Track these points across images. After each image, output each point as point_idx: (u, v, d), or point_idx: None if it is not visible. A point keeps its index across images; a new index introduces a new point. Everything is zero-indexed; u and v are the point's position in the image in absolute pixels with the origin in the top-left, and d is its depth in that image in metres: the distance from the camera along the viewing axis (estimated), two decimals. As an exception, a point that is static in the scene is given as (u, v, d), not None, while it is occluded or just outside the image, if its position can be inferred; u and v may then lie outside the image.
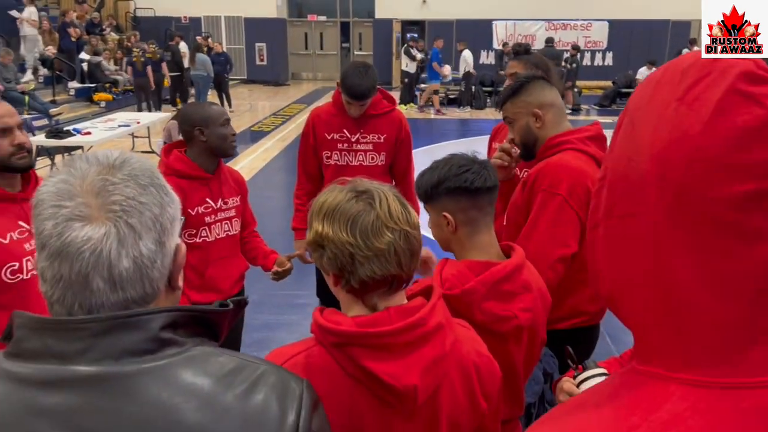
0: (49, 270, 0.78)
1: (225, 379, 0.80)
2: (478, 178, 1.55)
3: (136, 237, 0.79)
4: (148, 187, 0.81)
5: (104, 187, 0.79)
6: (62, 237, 0.77)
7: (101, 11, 17.96)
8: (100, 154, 0.84)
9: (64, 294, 0.78)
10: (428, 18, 19.97)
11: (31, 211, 0.81)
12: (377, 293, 1.16)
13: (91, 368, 0.75)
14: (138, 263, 0.79)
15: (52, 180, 0.81)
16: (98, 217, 0.77)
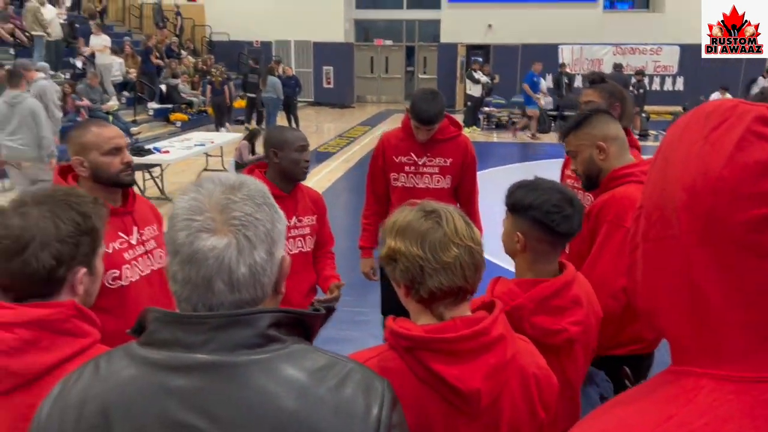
0: (180, 273, 0.93)
1: (319, 373, 0.93)
2: (564, 223, 1.64)
3: (252, 247, 0.93)
4: (261, 206, 0.97)
5: (227, 204, 0.94)
6: (192, 245, 0.92)
7: (180, 36, 18.94)
8: (222, 176, 1.00)
9: (191, 294, 0.93)
10: (493, 42, 20.06)
11: (166, 221, 0.98)
12: (444, 303, 1.28)
13: (211, 357, 0.90)
14: (252, 270, 0.93)
15: (184, 197, 0.97)
16: (222, 229, 0.93)
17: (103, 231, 1.37)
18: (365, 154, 12.62)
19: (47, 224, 1.25)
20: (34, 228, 1.24)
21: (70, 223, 1.27)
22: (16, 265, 1.22)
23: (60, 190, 1.34)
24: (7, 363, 1.18)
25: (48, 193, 1.31)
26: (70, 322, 1.24)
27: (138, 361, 0.93)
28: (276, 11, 20.25)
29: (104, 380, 0.94)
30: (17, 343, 1.18)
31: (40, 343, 1.20)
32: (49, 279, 1.25)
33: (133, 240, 2.17)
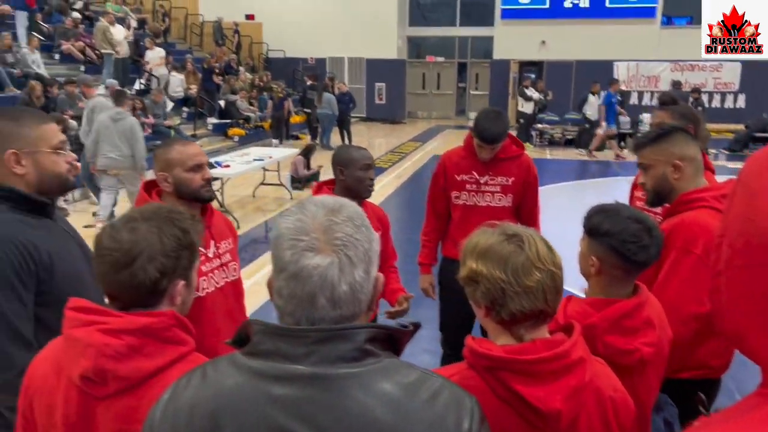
0: (286, 288, 1.00)
1: (411, 387, 0.98)
2: (641, 253, 1.66)
3: (352, 266, 1.00)
4: (360, 227, 1.03)
5: (330, 226, 1.01)
6: (298, 263, 0.99)
7: (238, 53, 19.51)
8: (322, 199, 1.07)
9: (295, 308, 1.00)
10: (547, 59, 19.91)
11: (271, 242, 1.05)
12: (524, 325, 1.32)
13: (312, 369, 0.96)
14: (353, 287, 1.00)
15: (289, 218, 1.04)
16: (325, 249, 0.99)
17: (200, 245, 1.46)
18: (417, 169, 12.68)
19: (154, 239, 1.34)
20: (143, 242, 1.33)
21: (173, 239, 1.36)
22: (125, 277, 1.32)
23: (164, 208, 1.43)
24: (115, 367, 1.27)
25: (154, 210, 1.41)
26: (171, 330, 1.33)
27: (243, 370, 0.99)
28: (331, 29, 20.65)
29: (212, 386, 1.01)
30: (124, 349, 1.27)
31: (145, 349, 1.29)
32: (153, 290, 1.34)
33: (210, 253, 2.27)
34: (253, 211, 8.99)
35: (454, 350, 3.51)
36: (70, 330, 1.32)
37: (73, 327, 1.32)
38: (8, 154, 1.73)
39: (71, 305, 1.35)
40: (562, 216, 5.82)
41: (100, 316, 1.31)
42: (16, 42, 11.86)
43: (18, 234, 1.70)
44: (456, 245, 3.27)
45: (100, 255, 1.34)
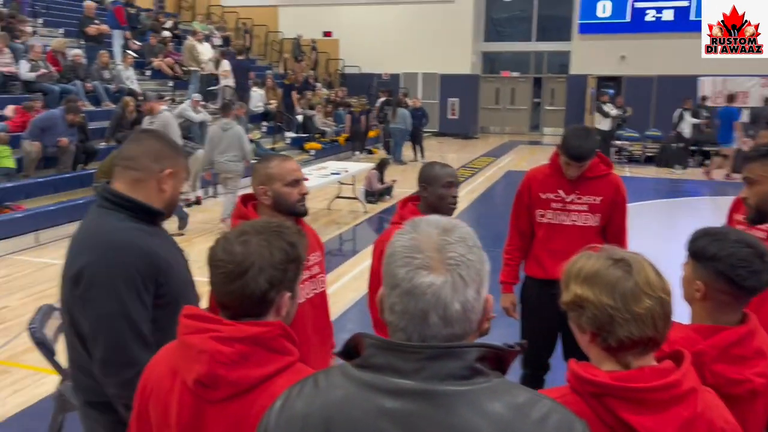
0: (399, 305, 1.02)
1: (521, 409, 0.97)
2: (752, 279, 1.58)
3: (465, 286, 1.01)
4: (473, 248, 1.05)
5: (444, 245, 1.03)
6: (412, 281, 1.01)
7: (316, 69, 20.00)
8: (435, 219, 1.09)
9: (408, 324, 1.02)
10: (626, 74, 19.36)
11: (385, 258, 1.08)
12: (632, 352, 1.29)
13: (422, 384, 0.97)
14: (465, 307, 1.01)
15: (403, 236, 1.06)
16: (439, 268, 1.01)
17: (305, 259, 1.51)
18: (490, 185, 12.58)
19: (264, 252, 1.40)
20: (254, 255, 1.39)
21: (282, 252, 1.42)
22: (237, 287, 1.38)
23: (273, 223, 1.49)
24: (226, 373, 1.33)
25: (264, 224, 1.47)
26: (278, 340, 1.38)
27: (354, 381, 1.02)
28: (406, 45, 20.86)
29: (324, 396, 1.04)
30: (235, 357, 1.33)
31: (254, 357, 1.34)
32: (262, 301, 1.40)
33: None
34: (328, 224, 9.16)
35: (535, 371, 3.45)
36: (185, 336, 1.39)
37: (188, 333, 1.39)
38: (166, 174, 1.91)
39: (186, 313, 1.42)
40: (647, 236, 5.63)
41: (214, 324, 1.37)
42: (112, 59, 12.61)
43: (141, 241, 1.83)
44: (539, 264, 3.27)
45: (214, 266, 1.41)
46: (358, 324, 5.18)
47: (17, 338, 4.86)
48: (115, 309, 1.75)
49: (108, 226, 1.84)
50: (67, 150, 8.78)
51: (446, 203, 2.72)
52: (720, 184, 12.89)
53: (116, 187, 1.91)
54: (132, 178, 1.90)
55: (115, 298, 1.75)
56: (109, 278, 1.75)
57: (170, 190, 1.95)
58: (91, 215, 1.91)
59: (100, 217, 1.87)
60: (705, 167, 14.25)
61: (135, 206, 1.88)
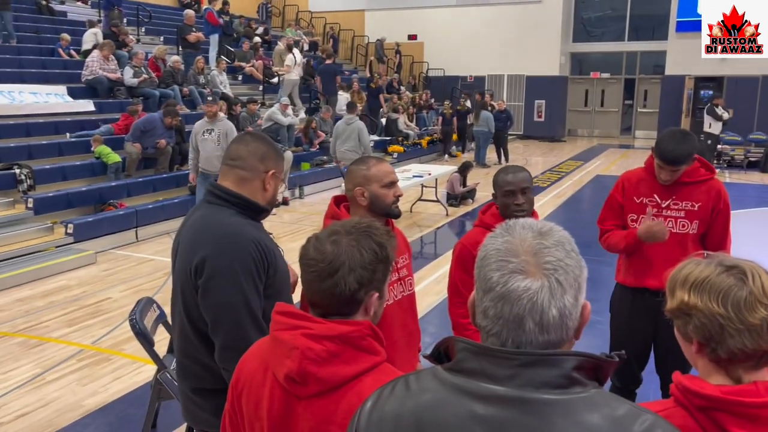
0: (492, 309, 1.00)
1: (621, 422, 0.93)
2: None
3: (563, 291, 0.98)
4: (570, 252, 1.01)
5: (540, 249, 1.00)
6: (507, 285, 0.98)
7: (400, 72, 20.12)
8: (530, 222, 1.06)
9: (502, 329, 0.99)
10: (728, 74, 18.25)
11: (477, 261, 1.06)
12: (744, 366, 1.21)
13: (516, 391, 0.94)
14: (562, 313, 0.97)
15: (497, 240, 1.04)
16: (535, 272, 0.98)
17: (394, 260, 1.52)
18: (577, 189, 12.19)
19: (354, 252, 1.41)
20: (344, 255, 1.41)
21: (371, 252, 1.43)
22: (327, 286, 1.40)
23: (363, 222, 1.50)
24: (316, 370, 1.35)
25: (354, 224, 1.48)
26: (366, 339, 1.38)
27: (446, 385, 1.00)
28: (491, 47, 20.62)
29: (415, 398, 1.03)
30: (325, 354, 1.34)
31: (343, 355, 1.35)
32: (351, 300, 1.41)
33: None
34: (410, 226, 9.17)
35: (625, 384, 3.31)
36: (278, 332, 1.42)
37: (280, 330, 1.42)
38: (270, 174, 2.04)
39: (278, 309, 1.46)
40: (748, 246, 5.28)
41: (305, 322, 1.40)
42: (208, 65, 13.20)
43: (253, 233, 1.95)
44: (632, 272, 3.13)
45: (305, 265, 1.44)
46: (438, 327, 5.16)
47: (118, 328, 5.18)
48: (236, 297, 1.86)
49: (222, 219, 1.95)
50: (165, 151, 9.27)
51: (510, 212, 2.64)
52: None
53: (224, 184, 2.02)
54: (239, 177, 2.02)
55: (236, 287, 1.86)
56: (230, 268, 1.86)
57: (272, 189, 2.06)
58: (202, 210, 2.04)
59: (212, 211, 1.99)
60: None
61: (243, 202, 1.99)
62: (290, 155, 10.26)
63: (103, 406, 3.97)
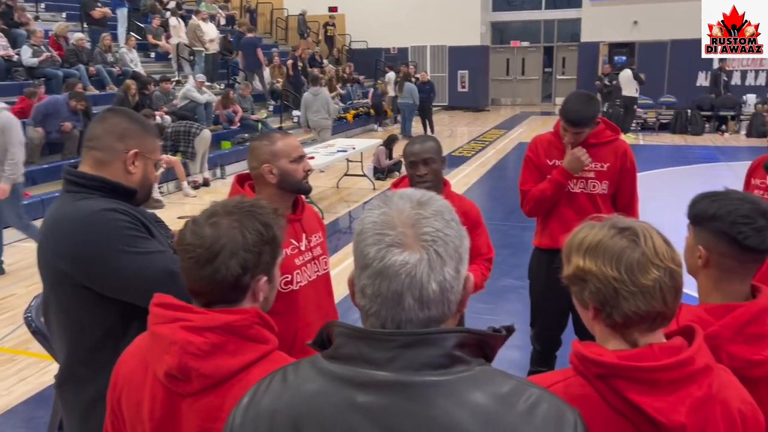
0: (370, 287, 0.92)
1: (507, 399, 0.88)
2: (754, 236, 1.46)
3: (443, 263, 0.91)
4: (450, 222, 0.94)
5: (418, 220, 0.92)
6: (384, 260, 0.91)
7: (333, 46, 19.71)
8: (409, 192, 0.98)
9: (380, 308, 0.92)
10: (639, 39, 18.91)
11: (354, 237, 0.98)
12: (639, 329, 1.18)
13: (396, 375, 0.88)
14: (442, 286, 0.91)
15: (373, 212, 0.96)
16: (413, 245, 0.91)
17: (282, 240, 1.41)
18: (501, 158, 12.39)
19: (235, 234, 1.30)
20: (224, 238, 1.29)
21: (255, 233, 1.32)
22: (207, 272, 1.28)
23: (246, 201, 1.39)
24: (198, 365, 1.24)
25: (235, 204, 1.37)
26: (254, 328, 1.28)
27: (324, 375, 0.93)
28: (413, 18, 20.52)
29: (293, 391, 0.95)
30: (207, 347, 1.24)
31: (227, 347, 1.25)
32: (235, 286, 1.30)
33: (302, 246, 2.24)
34: (337, 202, 9.06)
35: (545, 347, 3.35)
36: (155, 326, 1.30)
37: (157, 323, 1.30)
38: (131, 154, 1.82)
39: (156, 301, 1.34)
40: (662, 205, 5.48)
41: (184, 313, 1.28)
42: (116, 42, 12.49)
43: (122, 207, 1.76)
44: (548, 234, 3.14)
45: (183, 251, 1.32)
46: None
47: (23, 326, 4.84)
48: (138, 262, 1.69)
49: (83, 207, 1.74)
50: (71, 135, 8.72)
51: (414, 184, 2.62)
52: (735, 149, 12.60)
53: (82, 169, 1.82)
54: (95, 159, 1.81)
55: (127, 256, 1.69)
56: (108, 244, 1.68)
57: (139, 171, 1.84)
58: (61, 201, 1.82)
59: (71, 202, 1.77)
60: (721, 132, 13.94)
61: (104, 185, 1.78)
62: (208, 134, 9.89)
63: (7, 410, 3.71)
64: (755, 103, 14.62)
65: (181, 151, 9.62)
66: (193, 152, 9.61)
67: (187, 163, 9.64)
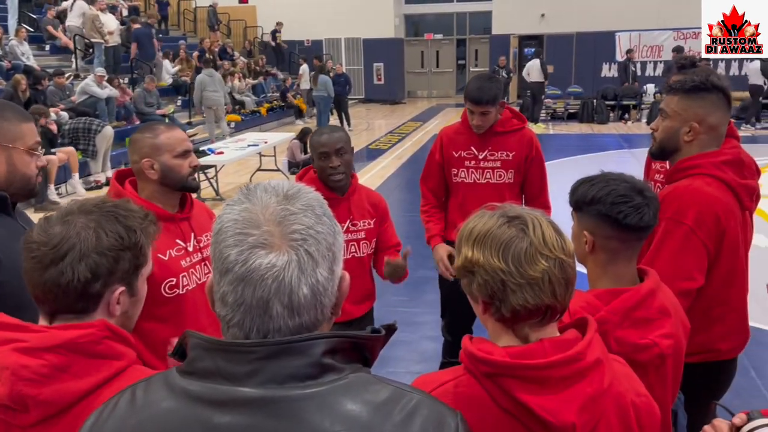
0: (231, 295, 0.81)
1: (383, 408, 0.80)
2: (633, 215, 1.45)
3: (314, 264, 0.81)
4: (321, 217, 0.84)
5: (285, 216, 0.82)
6: (247, 263, 0.80)
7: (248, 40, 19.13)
8: (274, 183, 0.87)
9: (244, 318, 0.81)
10: (547, 32, 19.53)
11: (212, 237, 0.85)
12: (529, 323, 1.12)
13: (258, 391, 0.78)
14: (314, 290, 0.81)
15: (234, 208, 0.84)
16: (280, 245, 0.80)
17: (149, 249, 1.26)
18: (417, 150, 12.44)
19: (89, 234, 1.15)
20: (75, 237, 1.14)
21: (113, 236, 1.17)
22: (52, 275, 1.13)
23: (109, 202, 1.23)
24: (36, 392, 1.08)
25: (97, 203, 1.21)
26: (103, 343, 1.14)
27: (177, 393, 0.82)
28: (326, 10, 20.27)
29: (140, 411, 0.84)
30: (46, 370, 1.08)
31: (71, 368, 1.10)
32: (83, 294, 1.15)
33: (190, 247, 2.07)
34: (251, 198, 8.79)
35: (456, 338, 3.32)
36: None
37: None
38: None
39: None
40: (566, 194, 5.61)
41: (18, 333, 1.11)
42: (6, 34, 11.61)
43: None
44: (452, 226, 3.10)
45: (27, 250, 1.15)
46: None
47: None
48: None
49: None
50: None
51: (326, 176, 2.51)
52: (638, 136, 13.23)
53: None
54: None
55: None
56: None
57: (2, 165, 1.64)
58: None
59: None
60: (624, 120, 14.60)
61: None
62: (110, 131, 9.35)
63: None
64: (654, 93, 15.40)
65: (81, 149, 9.05)
66: (94, 150, 9.06)
67: (88, 162, 9.09)
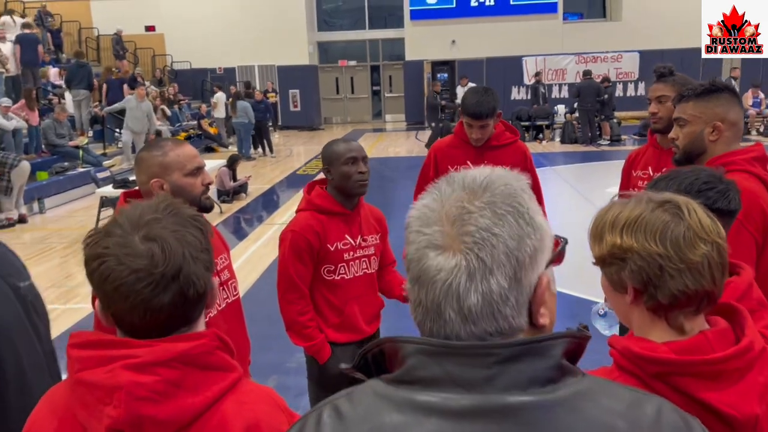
0: (412, 293, 0.76)
1: (632, 412, 0.74)
2: (721, 199, 1.45)
3: (487, 272, 0.72)
4: (504, 217, 0.73)
5: (460, 215, 0.74)
6: (420, 263, 0.75)
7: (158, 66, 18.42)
8: (468, 175, 0.78)
9: (424, 318, 0.75)
10: (458, 57, 20.20)
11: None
12: (684, 312, 1.08)
13: (499, 398, 0.70)
14: (487, 299, 0.72)
15: (419, 203, 0.78)
16: (451, 246, 0.73)
17: None
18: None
19: (184, 234, 1.01)
20: (174, 245, 0.99)
21: (196, 230, 1.04)
22: (174, 294, 0.97)
23: (162, 205, 1.05)
24: (155, 411, 0.93)
25: (148, 208, 1.03)
26: (216, 354, 1.01)
27: (403, 405, 0.72)
28: (237, 37, 19.99)
29: (356, 428, 0.73)
30: (162, 386, 0.94)
31: (185, 382, 0.97)
32: (202, 297, 1.02)
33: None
34: (183, 229, 8.39)
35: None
36: (81, 373, 0.96)
37: (84, 369, 0.96)
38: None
39: (74, 341, 0.99)
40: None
41: (123, 349, 0.97)
42: None
43: None
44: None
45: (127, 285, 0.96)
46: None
47: None
48: None
49: None
50: None
51: (353, 182, 2.44)
52: (554, 154, 13.85)
53: None
54: None
55: None
56: None
57: None
58: None
59: None
60: (539, 140, 15.27)
61: None
62: (27, 165, 8.61)
63: None
64: (564, 113, 16.24)
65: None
66: (9, 186, 8.32)
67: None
